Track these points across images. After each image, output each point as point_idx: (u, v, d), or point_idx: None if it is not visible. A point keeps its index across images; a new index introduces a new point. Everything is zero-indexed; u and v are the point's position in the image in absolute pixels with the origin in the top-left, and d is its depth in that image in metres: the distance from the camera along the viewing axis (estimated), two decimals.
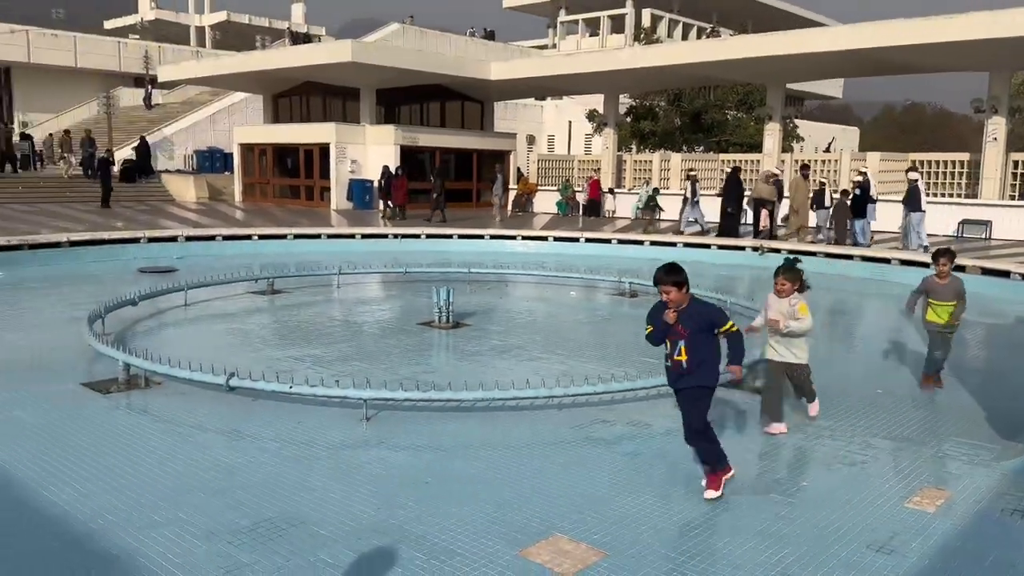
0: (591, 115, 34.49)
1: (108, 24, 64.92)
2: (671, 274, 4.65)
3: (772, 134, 24.27)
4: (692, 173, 21.79)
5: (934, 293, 7.21)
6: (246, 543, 4.19)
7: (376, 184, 24.59)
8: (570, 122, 43.46)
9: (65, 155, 27.40)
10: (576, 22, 45.86)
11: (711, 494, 4.86)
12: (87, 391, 6.94)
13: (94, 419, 6.28)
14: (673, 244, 18.37)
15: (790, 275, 6.01)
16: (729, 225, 18.73)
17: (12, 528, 4.37)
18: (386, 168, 23.43)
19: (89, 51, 43.64)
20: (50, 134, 35.29)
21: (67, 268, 14.45)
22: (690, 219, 20.04)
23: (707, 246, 18.17)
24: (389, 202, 22.64)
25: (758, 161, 24.64)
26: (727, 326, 4.77)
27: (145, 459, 5.41)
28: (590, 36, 44.89)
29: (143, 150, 30.08)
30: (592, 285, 13.71)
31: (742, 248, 17.66)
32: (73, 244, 15.34)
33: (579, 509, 4.69)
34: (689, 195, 20.24)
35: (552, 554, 4.11)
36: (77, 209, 22.31)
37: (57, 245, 15.15)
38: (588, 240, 19.19)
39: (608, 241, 19.25)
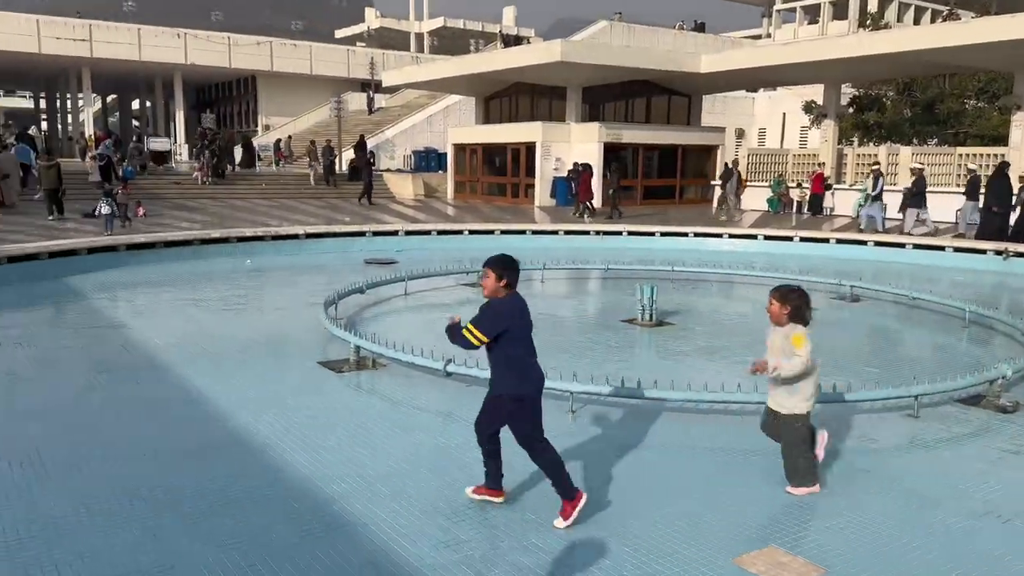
0: (808, 106, 32.61)
1: (339, 33, 70.73)
2: (493, 261, 4.38)
3: (1020, 125, 21.65)
4: (876, 167, 20.18)
5: None
6: (464, 521, 4.43)
7: (566, 181, 24.90)
8: (784, 114, 41.40)
9: (313, 163, 29.88)
10: (793, 10, 43.58)
11: (559, 523, 4.33)
12: (323, 369, 7.63)
13: (329, 395, 6.91)
14: (901, 245, 16.96)
15: (779, 294, 4.70)
16: (995, 225, 16.77)
17: (265, 490, 4.91)
18: (575, 165, 23.68)
19: (322, 59, 47.78)
20: (289, 136, 39.02)
21: (303, 258, 15.95)
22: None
23: (941, 248, 16.57)
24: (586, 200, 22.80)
25: (1002, 155, 22.09)
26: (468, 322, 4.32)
27: (372, 434, 5.87)
28: (808, 24, 42.49)
29: (362, 151, 32.46)
30: (809, 288, 12.97)
31: (982, 251, 15.92)
32: (309, 236, 16.89)
33: (796, 521, 4.49)
34: (871, 191, 18.97)
35: (768, 565, 3.96)
36: (312, 205, 24.54)
37: (295, 237, 16.76)
38: (803, 239, 18.19)
39: (825, 241, 18.13)
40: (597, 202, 23.73)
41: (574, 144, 26.71)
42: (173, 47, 42.32)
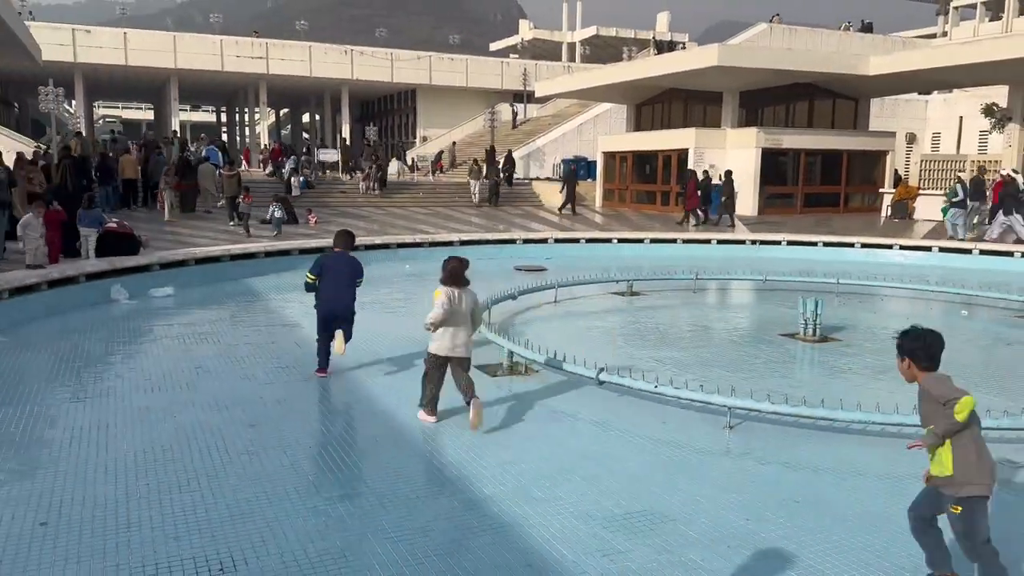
0: (989, 109, 30.02)
1: (493, 46, 72.41)
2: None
3: None
4: (961, 174, 18.73)
5: None
6: (620, 531, 4.40)
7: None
8: (961, 118, 38.30)
9: (483, 179, 29.46)
10: (973, 6, 40.30)
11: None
12: (478, 372, 7.81)
13: (483, 398, 7.05)
14: None
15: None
16: None
17: (428, 487, 5.09)
18: (689, 171, 23.12)
19: (477, 71, 49.10)
20: (453, 143, 40.20)
21: None
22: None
23: None
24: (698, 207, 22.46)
25: None
26: None
27: (525, 438, 5.95)
28: (990, 21, 39.16)
29: (510, 162, 32.96)
30: (991, 304, 11.95)
31: None
32: (463, 243, 17.40)
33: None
34: (961, 196, 17.90)
35: None
36: (464, 212, 25.25)
37: (450, 244, 17.31)
38: (983, 252, 16.76)
39: (1009, 254, 16.62)
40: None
41: (729, 150, 25.95)
42: (341, 63, 44.85)
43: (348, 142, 39.00)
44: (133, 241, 12.83)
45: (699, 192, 22.07)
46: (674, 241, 18.73)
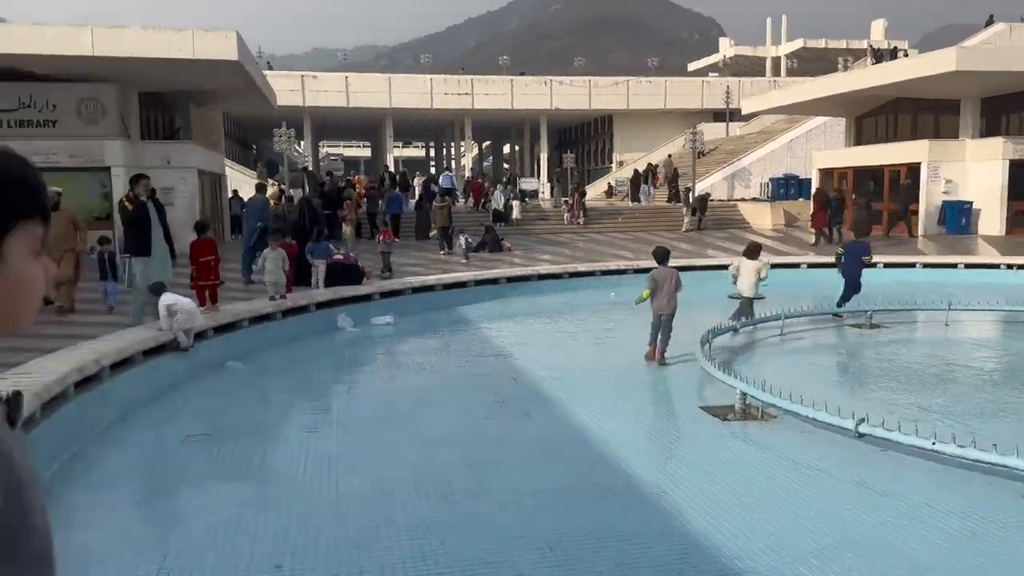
0: None
1: (691, 66, 70.93)
2: None
3: None
4: None
5: None
6: None
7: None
8: None
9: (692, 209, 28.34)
10: None
11: None
12: (705, 415, 7.18)
13: (715, 445, 6.42)
14: None
15: None
16: None
17: (659, 544, 4.56)
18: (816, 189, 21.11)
19: (676, 92, 48.15)
20: (669, 155, 39.23)
21: None
22: None
23: None
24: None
25: None
26: None
27: (773, 499, 5.24)
28: None
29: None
30: None
31: None
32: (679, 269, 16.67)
33: None
34: None
35: None
36: (664, 236, 24.45)
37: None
38: None
39: None
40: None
41: (969, 162, 23.22)
42: (541, 94, 45.74)
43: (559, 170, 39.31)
44: (357, 271, 13.43)
45: (826, 210, 21.76)
46: (912, 265, 16.84)
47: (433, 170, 62.02)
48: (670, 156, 38.64)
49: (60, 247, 10.02)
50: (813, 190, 24.71)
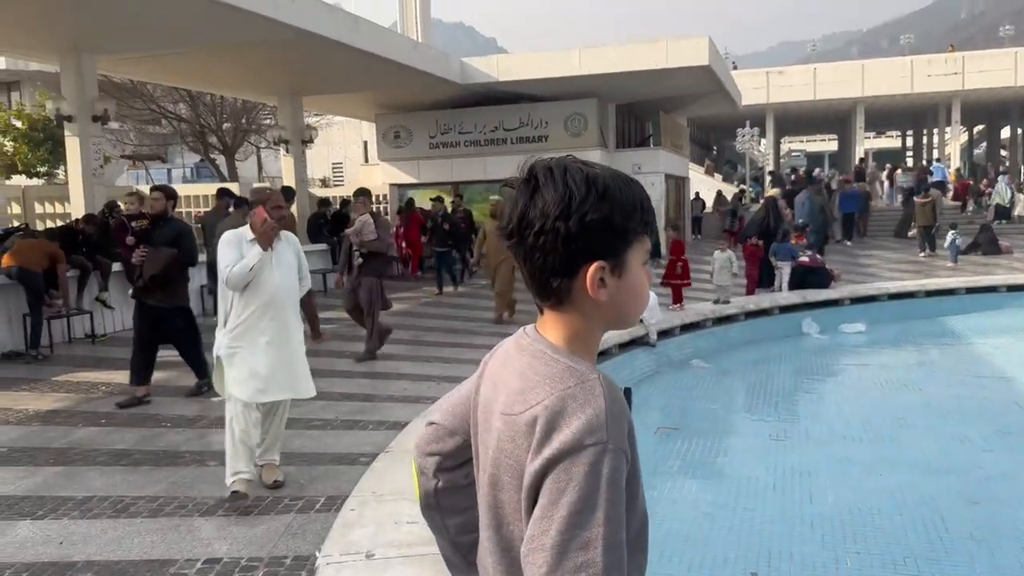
0: None
1: None
2: None
3: None
4: None
5: None
6: None
7: None
8: None
9: None
10: None
11: None
12: None
13: None
14: None
15: None
16: None
17: None
18: None
19: None
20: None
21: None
22: None
23: None
24: None
25: None
26: None
27: None
28: None
29: None
30: None
31: None
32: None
33: None
34: None
35: None
36: None
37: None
38: None
39: None
40: None
41: None
42: None
43: None
44: (823, 274, 12.72)
45: None
46: None
47: (911, 161, 55.93)
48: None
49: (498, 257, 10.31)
50: None
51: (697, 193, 26.19)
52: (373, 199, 12.08)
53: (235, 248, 4.33)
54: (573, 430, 1.02)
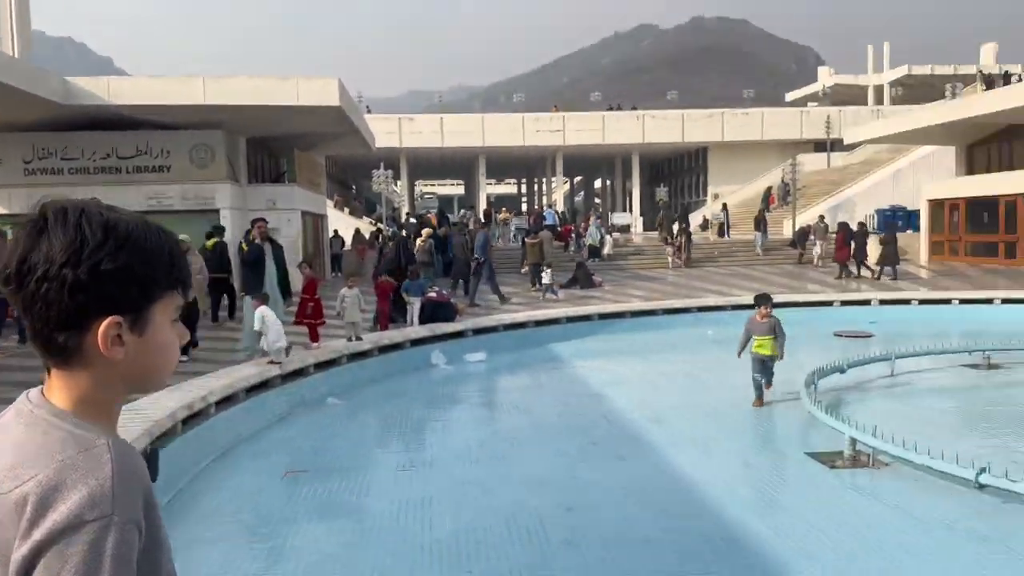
0: None
1: (789, 96, 69.42)
2: None
3: None
4: None
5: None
6: None
7: None
8: None
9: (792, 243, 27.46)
10: None
11: None
12: (812, 462, 6.84)
13: (825, 497, 6.08)
14: None
15: None
16: None
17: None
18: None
19: (773, 123, 47.02)
20: (791, 163, 37.15)
21: None
22: None
23: None
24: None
25: None
26: None
27: (875, 548, 4.92)
28: None
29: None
30: None
31: None
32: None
33: None
34: None
35: None
36: (764, 272, 23.76)
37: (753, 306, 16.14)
38: None
39: None
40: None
41: None
42: (632, 128, 45.60)
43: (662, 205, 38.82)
44: (450, 308, 13.59)
45: (849, 244, 21.08)
46: None
47: (525, 206, 62.54)
48: (793, 163, 36.05)
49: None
50: (856, 225, 22.82)
51: (336, 231, 26.37)
52: None
53: None
54: (70, 506, 0.91)
